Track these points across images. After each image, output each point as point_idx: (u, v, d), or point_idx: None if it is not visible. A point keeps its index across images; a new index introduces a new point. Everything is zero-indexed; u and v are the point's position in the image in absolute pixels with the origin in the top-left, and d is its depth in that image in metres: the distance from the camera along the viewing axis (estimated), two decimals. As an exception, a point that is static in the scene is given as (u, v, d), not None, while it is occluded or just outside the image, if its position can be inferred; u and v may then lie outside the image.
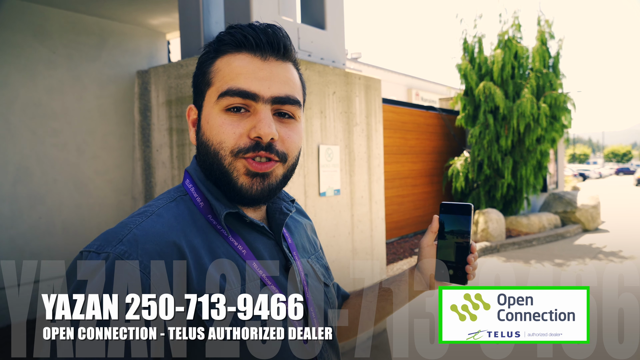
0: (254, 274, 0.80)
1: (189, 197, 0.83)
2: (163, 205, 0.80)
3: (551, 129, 9.65)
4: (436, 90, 24.70)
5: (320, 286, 0.97)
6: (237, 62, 0.79)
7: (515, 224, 9.59)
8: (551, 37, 10.09)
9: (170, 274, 0.71)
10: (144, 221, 0.75)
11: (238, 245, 0.81)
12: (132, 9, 4.77)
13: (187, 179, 0.87)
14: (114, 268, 0.69)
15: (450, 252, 1.02)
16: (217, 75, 0.80)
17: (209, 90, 0.81)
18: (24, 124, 4.42)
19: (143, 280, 0.69)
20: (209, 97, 0.81)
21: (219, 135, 0.79)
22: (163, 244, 0.73)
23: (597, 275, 6.30)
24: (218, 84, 0.80)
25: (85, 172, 4.83)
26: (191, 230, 0.77)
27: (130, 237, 0.72)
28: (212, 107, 0.80)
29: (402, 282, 1.12)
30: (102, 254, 0.70)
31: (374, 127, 4.22)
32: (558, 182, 13.03)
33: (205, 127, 0.81)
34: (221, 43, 0.82)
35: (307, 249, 1.02)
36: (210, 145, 0.80)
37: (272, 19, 3.31)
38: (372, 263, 4.17)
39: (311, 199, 3.52)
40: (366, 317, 1.15)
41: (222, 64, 0.81)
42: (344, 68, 3.94)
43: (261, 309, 0.78)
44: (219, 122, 0.79)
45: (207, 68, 0.83)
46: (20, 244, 4.40)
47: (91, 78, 4.86)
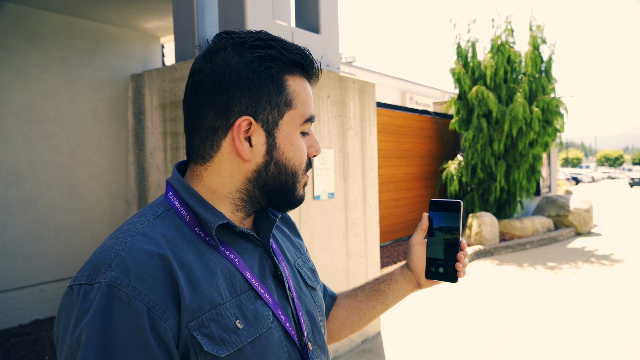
0: (247, 284, 0.80)
1: (174, 212, 0.81)
2: (147, 223, 0.77)
3: (544, 133, 9.72)
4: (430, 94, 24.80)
5: (307, 290, 0.96)
6: (307, 88, 0.85)
7: (509, 227, 9.63)
8: (543, 42, 10.18)
9: (166, 296, 0.69)
10: (128, 241, 0.72)
11: (230, 254, 0.80)
12: (126, 12, 4.77)
13: (169, 192, 0.84)
14: (109, 298, 0.66)
15: (440, 250, 1.01)
16: (297, 99, 0.83)
17: (290, 111, 0.82)
18: (17, 127, 4.39)
19: (145, 313, 0.67)
20: (290, 119, 0.82)
21: (302, 156, 0.85)
22: (152, 265, 0.70)
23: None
24: (300, 108, 0.83)
25: (78, 176, 4.80)
26: (180, 246, 0.75)
27: (119, 260, 0.69)
28: (294, 129, 0.83)
29: (392, 281, 1.11)
30: (96, 284, 0.68)
31: (368, 130, 4.24)
32: (551, 185, 13.11)
33: (287, 148, 0.83)
34: (290, 61, 0.81)
35: (293, 252, 1.01)
36: (292, 165, 0.84)
37: (266, 23, 3.32)
38: (366, 266, 4.17)
39: (305, 202, 3.52)
40: (357, 317, 1.13)
41: (297, 87, 0.83)
42: (338, 72, 3.96)
43: (255, 320, 0.78)
44: (301, 144, 0.85)
45: (283, 87, 0.81)
46: (12, 248, 4.36)
47: (85, 82, 4.84)
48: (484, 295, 5.74)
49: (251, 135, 0.80)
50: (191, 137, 0.84)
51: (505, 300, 5.52)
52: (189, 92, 0.83)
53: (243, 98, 0.79)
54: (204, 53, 0.83)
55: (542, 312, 5.03)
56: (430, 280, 1.04)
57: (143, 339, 0.66)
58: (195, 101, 0.81)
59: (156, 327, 0.67)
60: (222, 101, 0.79)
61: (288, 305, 0.87)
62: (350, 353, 3.92)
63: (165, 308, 0.68)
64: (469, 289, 5.96)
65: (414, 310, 5.14)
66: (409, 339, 4.37)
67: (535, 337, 4.33)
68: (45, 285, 4.58)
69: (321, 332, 0.94)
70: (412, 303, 5.35)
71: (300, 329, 0.87)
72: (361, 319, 1.13)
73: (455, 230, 0.99)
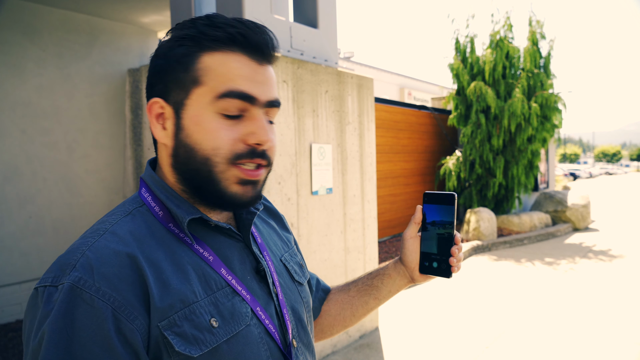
0: (223, 281, 0.76)
1: (146, 208, 0.78)
2: (117, 221, 0.74)
3: (542, 128, 9.72)
4: (428, 90, 24.77)
5: (293, 286, 0.93)
6: (234, 63, 0.74)
7: (507, 223, 9.65)
8: (542, 37, 10.16)
9: (134, 296, 0.67)
10: (96, 241, 0.70)
11: (204, 252, 0.77)
12: (123, 7, 4.74)
13: (142, 188, 0.82)
14: (71, 299, 0.64)
15: (433, 244, 0.98)
16: (210, 75, 0.74)
17: (198, 89, 0.74)
18: (13, 122, 4.37)
19: (110, 314, 0.65)
20: (197, 97, 0.74)
21: (215, 140, 0.74)
22: (119, 264, 0.68)
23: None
24: (212, 83, 0.74)
25: (75, 171, 4.79)
26: (149, 244, 0.72)
27: (84, 260, 0.67)
28: (204, 107, 0.74)
29: (386, 275, 1.08)
30: (60, 285, 0.65)
31: (367, 126, 4.23)
32: (549, 181, 13.13)
33: (193, 129, 0.74)
34: (209, 38, 0.74)
35: (280, 246, 0.98)
36: (200, 149, 0.74)
37: (264, 17, 3.30)
38: (364, 262, 4.17)
39: (303, 197, 3.52)
40: (349, 312, 1.11)
41: (213, 62, 0.74)
42: (336, 67, 3.94)
43: (232, 317, 0.75)
44: (214, 126, 0.74)
45: (192, 63, 0.75)
46: (9, 243, 4.35)
47: (82, 76, 4.82)
48: (482, 290, 5.75)
49: (165, 118, 0.78)
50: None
51: (503, 295, 5.53)
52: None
53: (159, 81, 0.77)
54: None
55: (539, 308, 5.04)
56: (424, 275, 1.01)
57: (107, 340, 0.64)
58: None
59: (122, 328, 0.65)
60: (149, 86, 0.79)
61: (271, 302, 0.83)
62: (348, 348, 3.93)
63: (132, 308, 0.66)
64: (466, 284, 5.98)
65: (411, 306, 5.15)
66: (407, 334, 4.38)
67: (533, 333, 4.34)
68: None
69: (307, 329, 0.92)
70: (410, 298, 5.36)
71: (285, 326, 0.84)
72: (354, 315, 1.11)
73: (449, 224, 0.97)
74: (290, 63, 3.39)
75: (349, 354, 3.82)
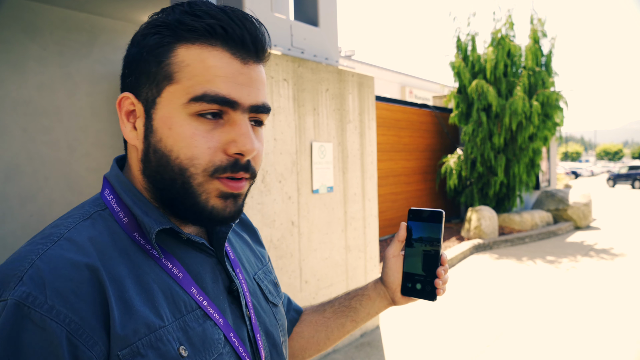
0: (193, 302, 0.67)
1: (109, 212, 0.67)
2: (74, 226, 0.63)
3: (543, 127, 9.70)
4: (430, 88, 24.75)
5: (268, 307, 0.84)
6: (212, 59, 0.64)
7: (508, 221, 9.64)
8: (544, 35, 10.14)
9: (94, 317, 0.56)
10: (49, 248, 0.58)
11: (173, 268, 0.67)
12: (123, 5, 4.73)
13: (106, 189, 0.70)
14: (17, 320, 0.53)
15: (418, 264, 0.91)
16: (184, 71, 0.64)
17: (171, 86, 0.64)
18: (14, 121, 4.38)
19: (65, 338, 0.54)
20: (170, 95, 0.64)
21: (190, 148, 0.64)
22: (77, 278, 0.57)
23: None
24: (187, 82, 0.64)
25: (76, 170, 4.79)
26: (111, 256, 0.62)
27: (33, 272, 0.55)
28: (176, 109, 0.64)
29: (365, 296, 0.99)
30: (1, 302, 0.54)
31: (367, 124, 4.22)
32: (550, 180, 13.11)
33: (165, 133, 0.65)
34: (186, 27, 0.64)
35: (253, 263, 0.89)
36: (174, 157, 0.64)
37: (265, 15, 3.30)
38: (365, 260, 4.17)
39: (304, 196, 3.52)
40: (324, 335, 1.01)
41: (190, 57, 0.64)
42: (337, 65, 3.94)
43: (203, 345, 0.65)
44: (189, 131, 0.64)
45: (165, 56, 0.65)
46: (10, 242, 4.36)
47: (82, 75, 4.82)
48: (483, 289, 5.75)
49: (136, 116, 0.68)
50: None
51: (504, 294, 5.53)
52: None
53: (131, 73, 0.67)
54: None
55: (541, 306, 5.04)
56: (406, 297, 0.93)
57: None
58: None
59: (78, 356, 0.54)
60: (122, 80, 0.70)
61: (244, 326, 0.74)
62: (349, 346, 3.93)
63: (92, 332, 0.56)
64: (468, 283, 5.97)
65: (412, 304, 5.15)
66: (408, 332, 4.38)
67: (534, 331, 4.34)
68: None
69: (282, 355, 0.83)
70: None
71: (258, 353, 0.75)
72: (328, 337, 1.01)
73: (436, 242, 0.90)
74: (290, 61, 3.39)
75: (349, 352, 3.83)
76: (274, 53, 3.26)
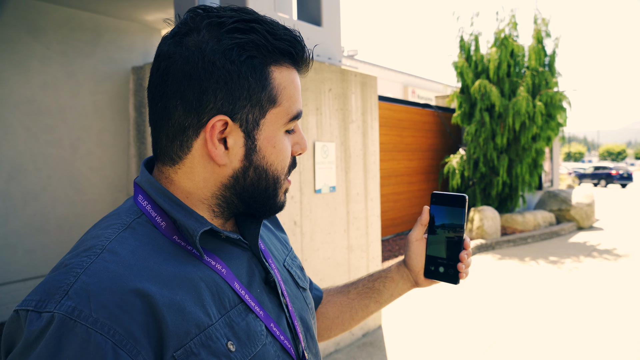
0: (236, 297, 0.70)
1: (146, 218, 0.69)
2: (115, 237, 0.64)
3: (546, 127, 9.68)
4: (432, 88, 24.72)
5: (299, 293, 0.87)
6: (296, 80, 0.72)
7: (511, 221, 9.62)
8: (547, 35, 10.11)
9: (138, 328, 0.58)
10: (93, 262, 0.60)
11: (216, 264, 0.70)
12: (127, 4, 4.74)
13: (139, 195, 0.72)
14: (63, 335, 0.54)
15: (441, 248, 0.92)
16: (283, 93, 0.70)
17: (274, 109, 0.70)
18: (18, 120, 4.39)
19: (110, 349, 0.56)
20: (273, 117, 0.70)
21: (285, 160, 0.74)
22: (122, 291, 0.58)
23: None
24: (286, 104, 0.71)
25: (79, 169, 4.80)
26: (156, 262, 0.64)
27: (78, 286, 0.57)
28: (277, 129, 0.71)
29: (388, 278, 1.02)
30: (45, 313, 0.55)
31: (370, 124, 4.22)
32: (553, 180, 13.08)
33: (269, 151, 0.71)
34: (279, 51, 0.69)
35: (280, 250, 0.92)
36: (274, 170, 0.72)
37: (268, 15, 3.29)
38: (367, 260, 4.17)
39: (307, 195, 3.52)
40: (348, 316, 1.05)
41: (284, 80, 0.70)
42: (340, 65, 3.94)
43: (248, 338, 0.68)
44: (286, 146, 0.73)
45: (267, 80, 0.68)
46: (13, 240, 4.37)
47: (86, 74, 4.83)
48: (486, 289, 5.74)
49: (227, 137, 0.68)
50: (157, 133, 0.71)
51: (507, 294, 5.52)
52: (154, 80, 0.69)
53: (219, 93, 0.66)
54: (174, 33, 0.69)
55: (544, 307, 5.03)
56: (429, 280, 0.96)
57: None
58: (161, 92, 0.68)
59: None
60: (193, 95, 0.66)
61: (282, 314, 0.77)
62: (352, 346, 3.93)
63: (135, 343, 0.57)
64: (470, 283, 5.96)
65: (415, 304, 5.15)
66: (410, 332, 4.37)
67: (537, 331, 4.33)
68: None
69: (314, 338, 0.86)
70: (414, 297, 5.35)
71: (297, 338, 0.79)
72: (353, 318, 1.05)
73: (459, 227, 0.90)
74: (293, 61, 3.38)
75: (352, 352, 3.82)
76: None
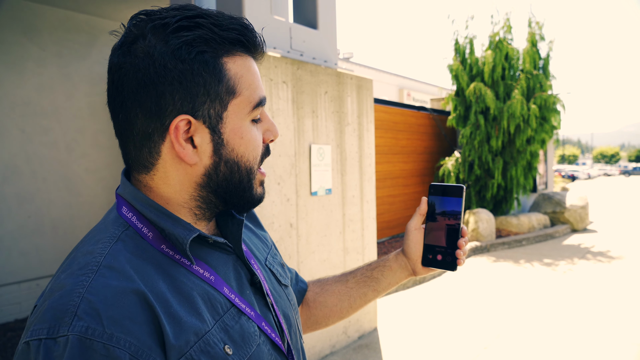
0: (227, 302, 0.71)
1: (133, 231, 0.68)
2: (108, 252, 0.64)
3: (541, 130, 9.73)
4: (428, 91, 24.80)
5: (281, 290, 0.89)
6: (252, 66, 0.72)
7: (505, 224, 9.66)
8: (541, 38, 10.18)
9: (149, 336, 0.60)
10: (92, 280, 0.60)
11: (204, 272, 0.70)
12: (122, 6, 4.74)
13: (122, 206, 0.71)
14: (82, 354, 0.55)
15: (439, 236, 0.95)
16: (241, 82, 0.70)
17: (235, 99, 0.69)
18: (13, 122, 4.37)
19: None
20: (236, 108, 0.70)
21: (256, 148, 0.73)
22: (128, 304, 0.59)
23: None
24: (247, 92, 0.70)
25: (75, 171, 4.79)
26: (150, 274, 0.64)
27: (85, 306, 0.57)
28: (242, 119, 0.71)
29: (386, 267, 1.05)
30: (60, 338, 0.56)
31: (366, 126, 4.24)
32: (547, 182, 13.15)
33: (237, 142, 0.70)
34: (228, 41, 0.68)
35: (261, 249, 0.92)
36: (245, 161, 0.72)
37: (264, 17, 3.31)
38: (363, 262, 4.18)
39: (303, 198, 3.52)
40: (347, 304, 1.07)
41: (239, 69, 0.70)
42: (335, 68, 3.95)
43: (243, 340, 0.70)
44: (254, 135, 0.73)
45: (222, 72, 0.68)
46: (8, 243, 4.35)
47: (81, 76, 4.82)
48: (480, 291, 5.76)
49: (193, 135, 0.68)
50: (125, 144, 0.71)
51: (502, 296, 5.54)
52: (111, 93, 0.71)
53: (176, 94, 0.65)
54: (121, 43, 0.69)
55: (538, 309, 5.05)
56: (427, 267, 0.99)
57: None
58: (120, 103, 0.69)
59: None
60: (151, 101, 0.65)
61: (269, 313, 0.79)
62: (347, 349, 3.94)
63: (150, 351, 0.59)
64: (465, 285, 5.98)
65: (410, 306, 5.16)
66: (406, 334, 4.38)
67: (532, 333, 4.35)
68: (42, 280, 4.57)
69: (296, 334, 0.88)
70: (409, 298, 5.36)
71: (283, 334, 0.81)
72: (351, 306, 1.08)
73: (457, 215, 0.93)
74: (289, 64, 3.40)
75: (347, 355, 3.83)
76: (273, 55, 3.27)
